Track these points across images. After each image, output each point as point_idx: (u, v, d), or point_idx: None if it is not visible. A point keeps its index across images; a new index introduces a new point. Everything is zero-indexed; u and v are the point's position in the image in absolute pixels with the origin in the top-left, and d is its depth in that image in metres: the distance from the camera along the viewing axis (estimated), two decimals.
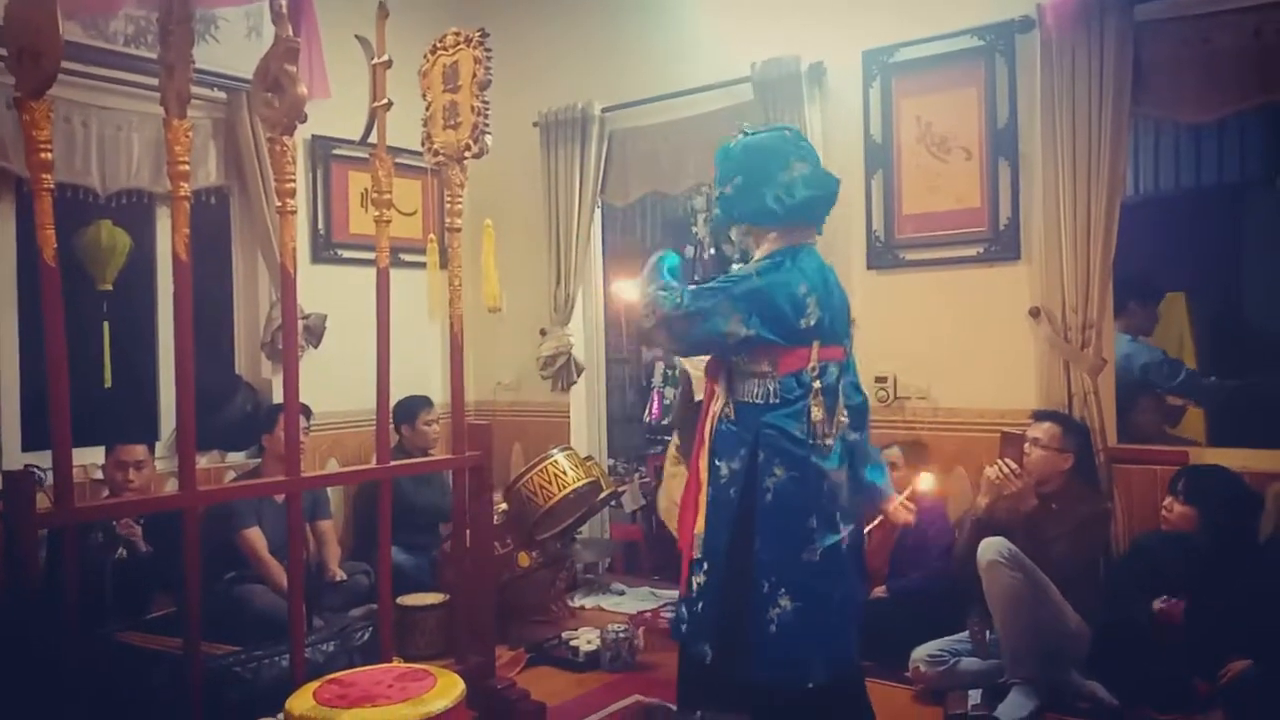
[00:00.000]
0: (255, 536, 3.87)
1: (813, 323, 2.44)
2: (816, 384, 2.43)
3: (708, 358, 2.66)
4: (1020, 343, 3.75)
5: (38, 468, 2.72)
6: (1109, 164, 3.45)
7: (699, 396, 2.80)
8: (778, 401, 2.44)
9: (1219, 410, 4.18)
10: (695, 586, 2.51)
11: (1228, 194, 4.90)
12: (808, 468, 2.40)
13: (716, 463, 2.50)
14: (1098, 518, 3.32)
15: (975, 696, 3.11)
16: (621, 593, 4.64)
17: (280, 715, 2.34)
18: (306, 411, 4.02)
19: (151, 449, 3.77)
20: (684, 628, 2.56)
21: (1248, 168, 4.79)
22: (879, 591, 3.69)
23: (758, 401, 2.46)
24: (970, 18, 3.81)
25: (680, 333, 2.50)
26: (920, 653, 3.27)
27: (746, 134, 2.61)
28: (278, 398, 4.13)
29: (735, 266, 5.17)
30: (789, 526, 2.40)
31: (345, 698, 2.23)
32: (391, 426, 4.51)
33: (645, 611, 4.33)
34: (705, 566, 2.49)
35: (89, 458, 3.66)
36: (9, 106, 2.28)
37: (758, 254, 2.59)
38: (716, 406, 2.55)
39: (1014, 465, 3.14)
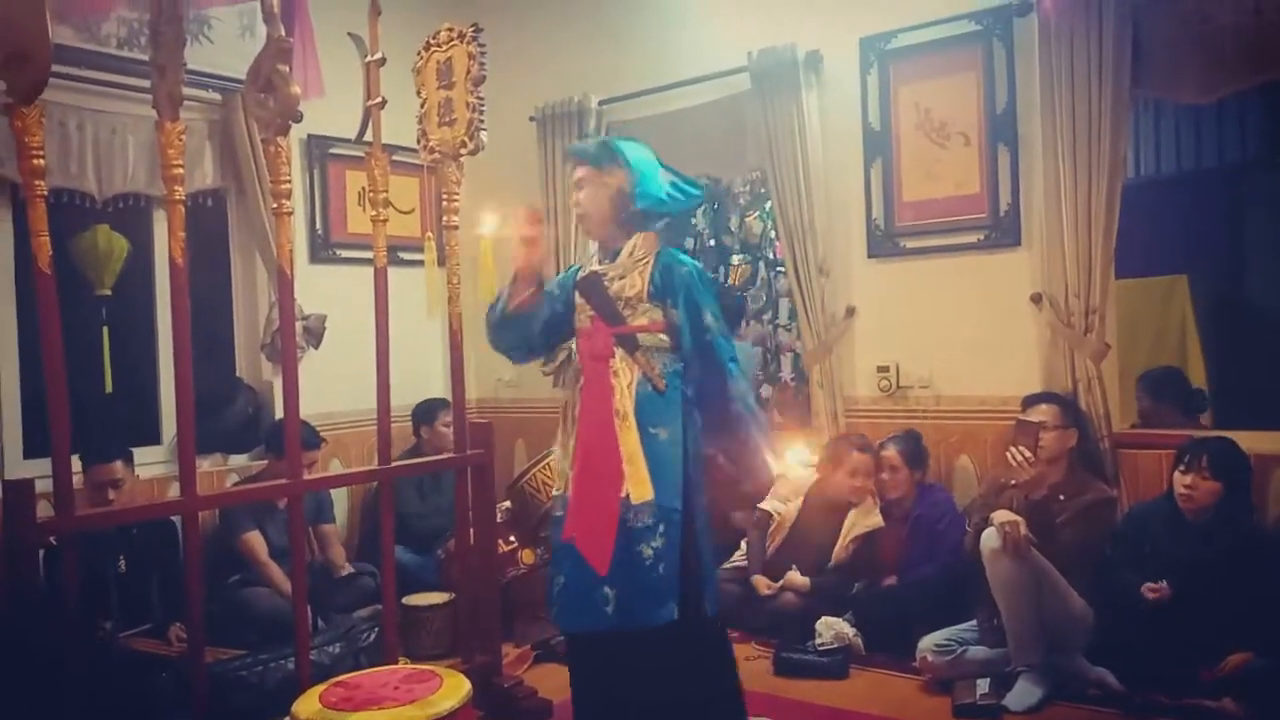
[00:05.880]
0: (254, 540, 3.86)
1: None
2: None
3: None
4: (1022, 329, 3.73)
5: None
6: (1109, 147, 3.42)
7: None
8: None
9: (1224, 392, 4.17)
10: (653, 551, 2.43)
11: (1229, 174, 4.88)
12: None
13: (651, 430, 2.49)
14: (1103, 504, 3.30)
15: (983, 686, 3.09)
16: None
17: (287, 719, 2.33)
18: (313, 438, 3.88)
19: (130, 462, 3.56)
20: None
21: (1249, 147, 4.77)
22: (890, 580, 3.69)
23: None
24: (967, 2, 3.78)
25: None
26: (928, 642, 3.26)
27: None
28: (279, 399, 4.11)
29: (736, 259, 5.21)
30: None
31: (351, 700, 2.22)
32: (412, 428, 4.57)
33: None
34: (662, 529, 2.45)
35: None
36: (1, 113, 2.27)
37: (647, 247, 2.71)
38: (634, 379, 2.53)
39: (1028, 453, 3.11)
